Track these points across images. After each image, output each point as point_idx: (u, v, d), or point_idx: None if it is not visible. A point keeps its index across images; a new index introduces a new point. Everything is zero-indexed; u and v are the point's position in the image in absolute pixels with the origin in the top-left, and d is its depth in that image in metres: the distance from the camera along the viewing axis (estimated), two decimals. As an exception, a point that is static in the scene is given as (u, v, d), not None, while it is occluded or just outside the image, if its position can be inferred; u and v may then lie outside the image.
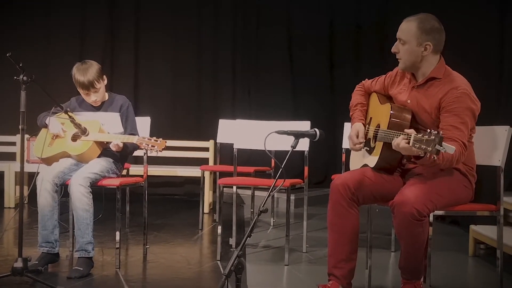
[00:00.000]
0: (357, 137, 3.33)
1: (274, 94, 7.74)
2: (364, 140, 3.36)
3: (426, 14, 3.15)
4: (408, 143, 2.80)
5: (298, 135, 3.06)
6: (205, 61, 7.76)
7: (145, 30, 7.65)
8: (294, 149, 3.03)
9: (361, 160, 3.43)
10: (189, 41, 7.70)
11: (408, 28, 3.12)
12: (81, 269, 3.73)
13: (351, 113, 3.51)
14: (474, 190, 3.26)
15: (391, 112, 3.19)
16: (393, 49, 3.20)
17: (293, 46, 7.82)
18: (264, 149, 3.08)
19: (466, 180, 3.20)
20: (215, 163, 6.53)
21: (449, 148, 2.69)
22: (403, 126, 3.10)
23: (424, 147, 2.71)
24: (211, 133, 6.63)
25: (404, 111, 3.21)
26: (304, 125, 4.55)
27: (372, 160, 3.28)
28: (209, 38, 7.74)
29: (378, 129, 3.26)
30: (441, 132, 2.72)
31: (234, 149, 4.79)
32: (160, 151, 3.86)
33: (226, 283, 2.68)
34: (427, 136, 2.71)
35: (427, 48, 3.11)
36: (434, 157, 2.72)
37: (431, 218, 3.05)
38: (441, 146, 2.67)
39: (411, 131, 2.84)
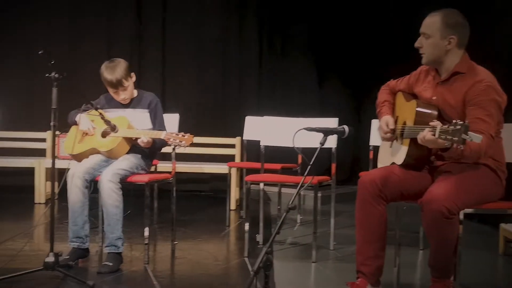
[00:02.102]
0: (387, 126, 3.33)
1: (300, 90, 7.74)
2: (394, 128, 3.34)
3: (450, 9, 3.17)
4: (434, 135, 2.78)
5: (327, 132, 3.06)
6: (231, 57, 7.77)
7: (172, 27, 7.68)
8: (322, 146, 3.03)
9: (389, 158, 3.41)
10: (215, 38, 7.71)
11: (432, 22, 3.14)
12: (111, 264, 3.77)
13: (378, 110, 3.50)
14: (505, 186, 3.22)
15: (417, 109, 3.17)
16: (416, 44, 3.20)
17: (318, 43, 7.80)
18: (292, 146, 3.08)
19: (496, 176, 3.17)
20: (241, 160, 6.55)
21: (475, 136, 2.66)
22: (429, 121, 3.08)
23: (450, 137, 2.69)
24: (237, 130, 6.65)
25: (430, 106, 3.19)
26: (331, 122, 4.54)
27: (399, 158, 3.26)
28: (235, 35, 7.75)
29: (405, 126, 3.24)
30: (466, 121, 2.70)
31: (261, 146, 4.80)
32: (187, 146, 3.88)
33: (255, 280, 2.69)
34: (452, 127, 2.69)
35: (451, 41, 3.12)
36: (461, 147, 2.70)
37: (461, 216, 3.02)
38: (467, 135, 2.65)
39: (437, 123, 2.82)
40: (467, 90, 3.07)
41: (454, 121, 2.70)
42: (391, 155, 3.40)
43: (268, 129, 4.84)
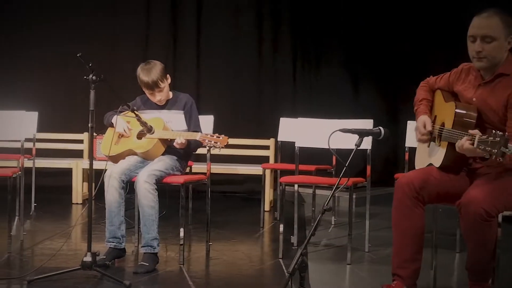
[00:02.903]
0: (424, 127, 3.28)
1: (335, 92, 7.70)
2: (432, 130, 3.29)
3: (498, 9, 3.06)
4: (472, 144, 2.73)
5: (362, 134, 3.04)
6: (266, 59, 7.77)
7: (207, 28, 7.72)
8: (358, 148, 3.01)
9: (426, 160, 3.37)
10: (249, 38, 7.73)
11: (493, 23, 3.01)
12: (147, 264, 3.81)
13: (415, 108, 3.43)
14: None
15: (456, 110, 3.11)
16: (477, 49, 3.03)
17: (353, 44, 7.75)
18: (327, 147, 3.07)
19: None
20: (275, 161, 6.55)
21: None
22: (468, 124, 3.03)
23: (489, 149, 2.63)
24: (272, 132, 6.64)
25: (470, 109, 3.12)
26: (367, 124, 4.51)
27: (437, 160, 3.22)
28: (270, 36, 7.75)
29: (443, 128, 3.20)
30: (506, 134, 2.65)
31: (296, 147, 4.79)
32: (222, 147, 3.90)
33: (290, 281, 2.69)
34: (492, 138, 2.63)
35: (510, 42, 3.04)
36: (499, 159, 2.65)
37: (499, 219, 2.97)
38: (507, 148, 2.60)
39: (476, 132, 2.77)
40: (510, 92, 3.00)
41: (493, 131, 2.65)
42: (428, 155, 3.35)
43: (303, 131, 4.83)
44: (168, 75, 4.21)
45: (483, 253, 2.99)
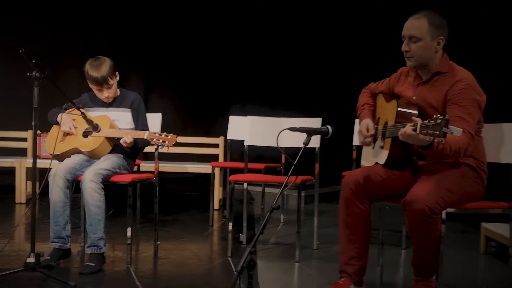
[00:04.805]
0: (367, 130, 3.34)
1: (284, 90, 7.73)
2: (374, 133, 3.36)
3: (430, 11, 3.18)
4: (415, 130, 2.79)
5: (310, 132, 3.06)
6: (215, 57, 7.75)
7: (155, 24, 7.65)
8: (306, 146, 3.03)
9: (372, 160, 3.43)
10: (199, 38, 7.69)
11: (419, 24, 3.13)
12: (93, 264, 3.74)
13: (358, 113, 3.54)
14: (485, 186, 3.24)
15: (398, 108, 3.20)
16: (404, 48, 3.18)
17: (304, 41, 7.79)
18: (276, 146, 3.08)
19: (477, 176, 3.19)
20: (225, 159, 6.54)
21: (456, 130, 2.67)
22: (410, 120, 3.09)
23: (432, 131, 2.69)
24: (221, 130, 6.63)
25: (411, 106, 3.23)
26: (315, 122, 4.55)
27: (382, 157, 3.28)
28: (219, 32, 7.73)
29: (386, 126, 3.26)
30: (446, 115, 2.71)
31: (245, 145, 4.78)
32: (170, 146, 3.86)
33: (238, 280, 2.69)
34: (433, 121, 2.70)
35: (440, 42, 3.15)
36: (441, 141, 2.70)
37: (443, 216, 3.04)
38: (448, 128, 2.66)
39: (418, 120, 2.83)
40: (448, 89, 3.11)
41: (434, 116, 2.72)
42: (373, 155, 3.41)
43: (252, 129, 4.83)
44: (117, 73, 4.15)
45: (427, 250, 3.06)
